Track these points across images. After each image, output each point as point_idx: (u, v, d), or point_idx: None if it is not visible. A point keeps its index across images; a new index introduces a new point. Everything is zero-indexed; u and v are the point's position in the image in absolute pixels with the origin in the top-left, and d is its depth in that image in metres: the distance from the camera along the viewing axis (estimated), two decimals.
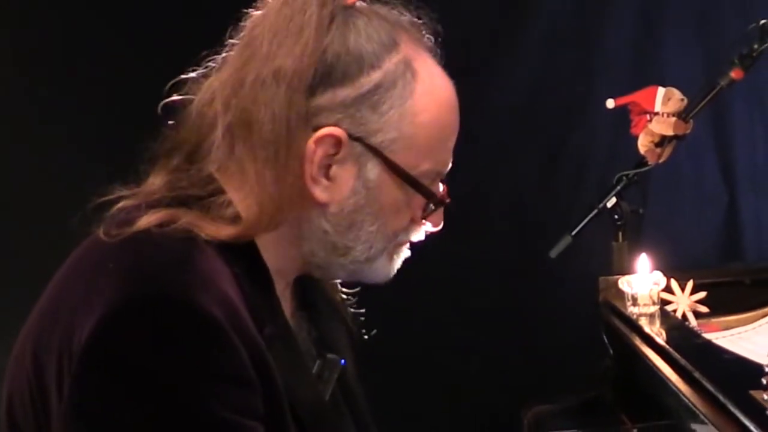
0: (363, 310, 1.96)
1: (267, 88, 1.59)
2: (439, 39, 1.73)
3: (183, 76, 1.73)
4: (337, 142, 1.60)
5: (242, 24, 1.70)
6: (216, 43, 1.73)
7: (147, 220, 1.56)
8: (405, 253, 1.77)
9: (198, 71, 1.72)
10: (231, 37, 1.71)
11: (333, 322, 1.90)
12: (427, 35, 1.72)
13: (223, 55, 1.71)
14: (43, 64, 3.79)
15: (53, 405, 1.52)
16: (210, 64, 1.72)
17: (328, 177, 1.63)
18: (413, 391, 3.79)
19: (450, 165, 1.74)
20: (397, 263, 1.77)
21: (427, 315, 3.83)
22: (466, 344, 3.96)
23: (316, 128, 1.60)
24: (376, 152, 1.63)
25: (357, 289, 1.94)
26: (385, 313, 1.98)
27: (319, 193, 1.62)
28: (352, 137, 1.61)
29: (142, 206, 1.60)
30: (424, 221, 1.74)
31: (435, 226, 1.76)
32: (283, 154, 1.59)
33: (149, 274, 1.51)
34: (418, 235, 1.76)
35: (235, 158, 1.62)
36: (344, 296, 1.93)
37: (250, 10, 1.69)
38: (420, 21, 1.72)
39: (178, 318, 1.46)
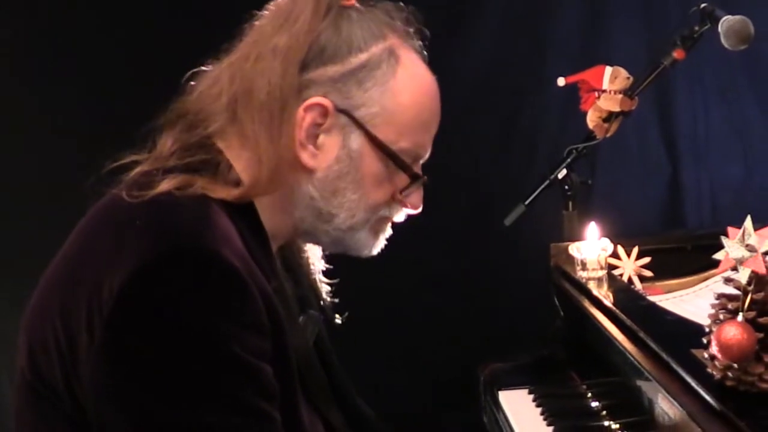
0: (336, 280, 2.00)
1: (265, 60, 1.69)
2: (428, 42, 1.82)
3: (202, 68, 1.81)
4: (324, 112, 1.70)
5: (253, 21, 1.79)
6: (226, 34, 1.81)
7: (167, 184, 1.64)
8: (388, 231, 1.85)
9: (213, 62, 1.81)
10: (241, 32, 1.80)
11: (307, 283, 1.96)
12: (418, 40, 1.81)
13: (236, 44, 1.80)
14: (49, 38, 3.76)
15: (81, 350, 1.56)
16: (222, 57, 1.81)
17: (316, 145, 1.71)
18: (374, 351, 3.78)
19: (429, 152, 1.82)
20: (382, 240, 1.85)
21: (389, 278, 3.81)
22: (425, 306, 3.97)
23: (306, 99, 1.69)
24: (359, 124, 1.72)
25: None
26: (348, 277, 1.98)
27: (306, 158, 1.71)
28: (338, 109, 1.71)
29: (158, 172, 1.68)
30: (404, 199, 1.81)
31: (414, 208, 1.84)
32: (277, 118, 1.68)
33: (177, 230, 1.59)
34: (399, 215, 1.84)
35: (237, 122, 1.71)
36: (321, 267, 1.99)
37: (260, 12, 1.79)
38: (412, 29, 1.81)
39: (206, 269, 1.54)
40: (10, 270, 3.54)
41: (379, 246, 1.85)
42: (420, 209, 1.84)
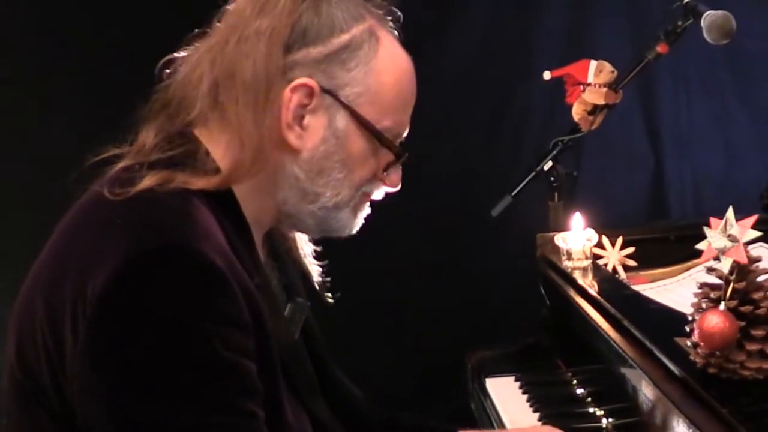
0: (326, 261, 1.98)
1: (249, 43, 1.67)
2: (400, 24, 1.80)
3: (175, 55, 1.77)
4: (310, 93, 1.68)
5: (227, 6, 1.76)
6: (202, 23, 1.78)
7: (148, 181, 1.62)
8: (367, 209, 1.83)
9: (187, 48, 1.77)
10: (217, 18, 1.77)
11: (294, 271, 1.94)
12: (391, 21, 1.79)
13: (208, 30, 1.77)
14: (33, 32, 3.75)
15: (67, 348, 1.55)
16: (196, 44, 1.77)
17: (302, 126, 1.69)
18: (363, 340, 3.78)
19: (407, 130, 1.80)
20: (360, 218, 1.83)
21: (379, 268, 3.83)
22: (415, 295, 3.97)
23: (291, 81, 1.67)
24: (344, 104, 1.71)
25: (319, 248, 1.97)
26: (338, 265, 1.98)
27: (293, 139, 1.69)
28: (324, 89, 1.69)
29: (141, 167, 1.65)
30: (384, 178, 1.80)
31: (393, 185, 1.82)
32: (261, 99, 1.67)
33: (158, 229, 1.57)
34: (378, 193, 1.82)
35: (219, 106, 1.69)
36: (310, 250, 1.97)
37: None
38: (384, 9, 1.78)
39: (188, 267, 1.52)
40: (10, 264, 3.53)
41: (358, 225, 1.83)
42: (399, 187, 1.82)
